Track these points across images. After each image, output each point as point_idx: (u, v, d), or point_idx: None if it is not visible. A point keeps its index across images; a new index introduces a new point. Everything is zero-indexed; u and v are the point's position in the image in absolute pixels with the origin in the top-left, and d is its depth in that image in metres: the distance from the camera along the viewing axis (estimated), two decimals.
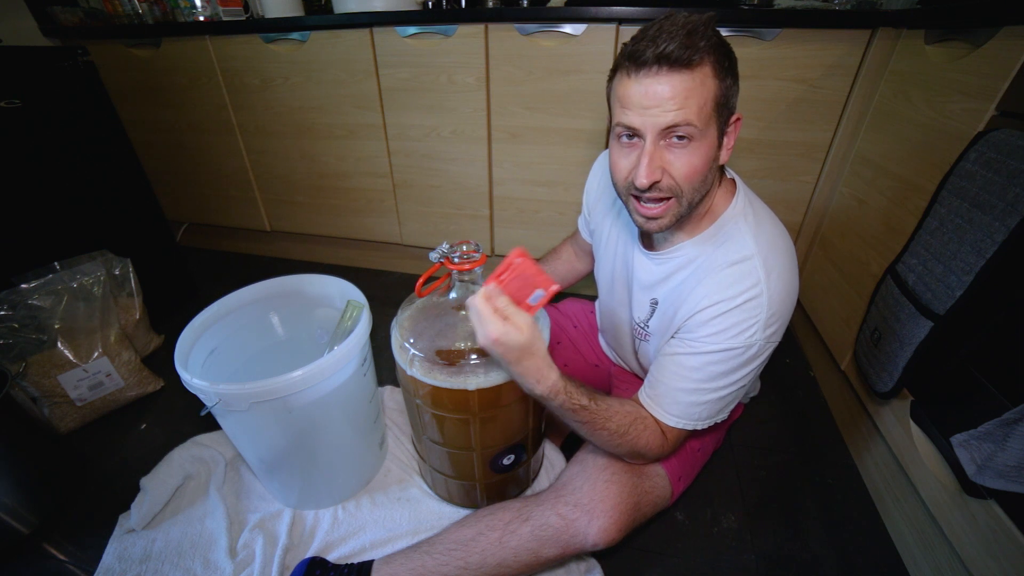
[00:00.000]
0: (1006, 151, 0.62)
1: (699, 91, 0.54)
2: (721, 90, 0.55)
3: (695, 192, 0.59)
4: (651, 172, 0.57)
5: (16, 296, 0.96)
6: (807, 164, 1.17)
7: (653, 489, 0.73)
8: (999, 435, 0.57)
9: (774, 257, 0.61)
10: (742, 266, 0.60)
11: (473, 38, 1.19)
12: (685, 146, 0.56)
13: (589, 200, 0.89)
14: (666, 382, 0.66)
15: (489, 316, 0.54)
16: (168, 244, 1.43)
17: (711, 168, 0.59)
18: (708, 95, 0.54)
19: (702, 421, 0.67)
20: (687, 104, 0.53)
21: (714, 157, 0.59)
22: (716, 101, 0.55)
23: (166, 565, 0.78)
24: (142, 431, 1.05)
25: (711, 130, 0.56)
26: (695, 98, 0.54)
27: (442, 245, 0.65)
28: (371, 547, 0.80)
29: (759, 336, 0.60)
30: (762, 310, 0.59)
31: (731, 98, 0.57)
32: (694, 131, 0.55)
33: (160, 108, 1.56)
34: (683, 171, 0.57)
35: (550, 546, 0.67)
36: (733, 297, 0.60)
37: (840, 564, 0.79)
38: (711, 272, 0.63)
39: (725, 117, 0.58)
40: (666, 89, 0.53)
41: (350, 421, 0.80)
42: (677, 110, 0.54)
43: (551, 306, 1.06)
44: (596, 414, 0.63)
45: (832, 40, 1.02)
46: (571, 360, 0.99)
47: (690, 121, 0.54)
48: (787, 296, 0.61)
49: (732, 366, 0.62)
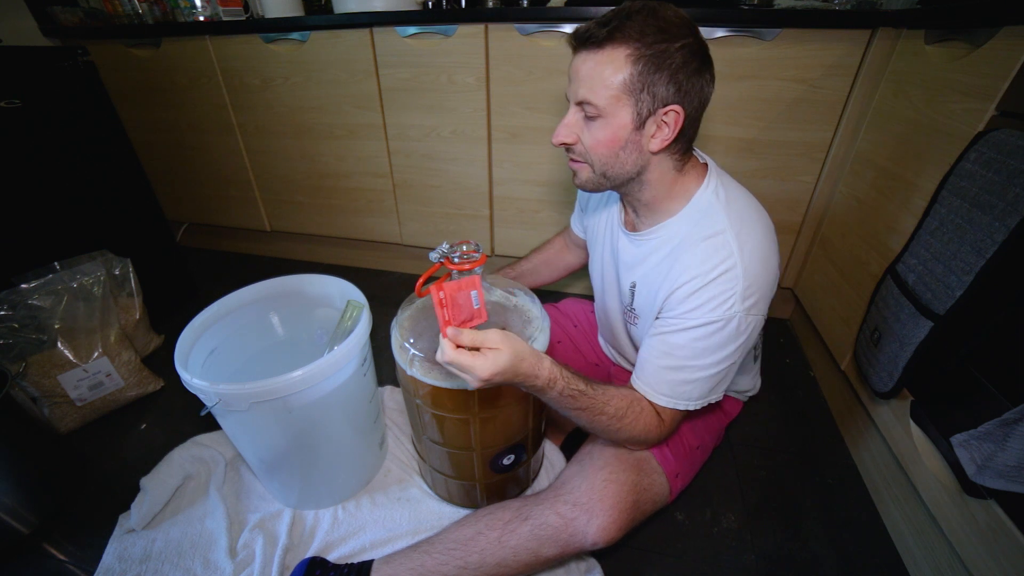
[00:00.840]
0: (1006, 151, 0.62)
1: (603, 73, 0.57)
2: (634, 74, 0.56)
3: (604, 165, 0.64)
4: (558, 133, 0.65)
5: (16, 296, 0.96)
6: (807, 164, 1.17)
7: (651, 487, 0.73)
8: (999, 435, 0.57)
9: (747, 230, 0.62)
10: (714, 240, 0.62)
11: (473, 38, 1.19)
12: (593, 121, 0.61)
13: (583, 196, 0.91)
14: (653, 361, 0.67)
15: (468, 361, 0.54)
16: (168, 244, 1.43)
17: (623, 148, 0.62)
18: (614, 79, 0.57)
19: (694, 401, 0.67)
20: (590, 83, 0.58)
21: (627, 139, 0.61)
22: (626, 84, 0.57)
23: (166, 565, 0.78)
24: (142, 431, 1.05)
25: (621, 113, 0.59)
26: (598, 79, 0.58)
27: (442, 245, 0.65)
28: (371, 547, 0.80)
29: (738, 307, 0.61)
30: (737, 281, 0.60)
31: (654, 88, 0.57)
32: (594, 110, 0.59)
33: (160, 108, 1.56)
34: (588, 142, 0.63)
35: (549, 545, 0.67)
36: (708, 271, 0.61)
37: (840, 564, 0.79)
38: (685, 250, 0.65)
39: (646, 105, 0.58)
40: (580, 68, 0.59)
41: (350, 421, 0.81)
42: (581, 87, 0.59)
43: (551, 306, 1.06)
44: (594, 399, 0.63)
45: (832, 40, 1.02)
46: (571, 359, 0.99)
47: (588, 100, 0.59)
48: (763, 267, 0.62)
49: (716, 341, 0.63)
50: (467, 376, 0.55)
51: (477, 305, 0.58)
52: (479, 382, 0.55)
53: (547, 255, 1.06)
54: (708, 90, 0.60)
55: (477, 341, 0.55)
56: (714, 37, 1.06)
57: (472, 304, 0.58)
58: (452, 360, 0.54)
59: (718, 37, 1.06)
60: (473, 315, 0.58)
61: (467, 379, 0.55)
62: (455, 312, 0.57)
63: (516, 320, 0.70)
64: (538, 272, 1.05)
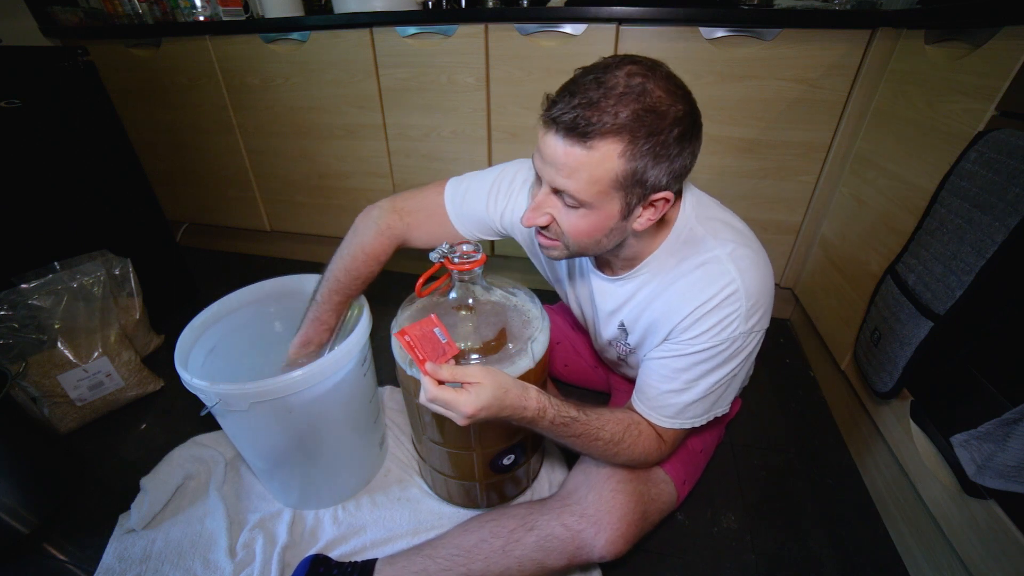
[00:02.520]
0: (1006, 151, 0.62)
1: (591, 168, 0.50)
2: (627, 171, 0.50)
3: (582, 247, 0.60)
4: (528, 217, 0.58)
5: (16, 296, 0.96)
6: (807, 164, 1.17)
7: (659, 496, 0.72)
8: (999, 435, 0.57)
9: (738, 248, 0.60)
10: (710, 266, 0.60)
11: (473, 38, 1.19)
12: (574, 209, 0.55)
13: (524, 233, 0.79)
14: (655, 385, 0.65)
15: (451, 397, 0.53)
16: (168, 244, 1.43)
17: (608, 233, 0.57)
18: (604, 174, 0.51)
19: (698, 418, 0.66)
20: (575, 176, 0.51)
21: (613, 227, 0.56)
22: (617, 181, 0.51)
23: (166, 565, 0.78)
24: (142, 431, 1.05)
25: (608, 205, 0.54)
26: (584, 173, 0.51)
27: (442, 245, 0.65)
28: (371, 547, 0.80)
29: (742, 328, 0.60)
30: (740, 303, 0.58)
31: (650, 179, 0.52)
32: (575, 202, 0.54)
33: (160, 108, 1.56)
34: (567, 228, 0.57)
35: (555, 557, 0.66)
36: (710, 299, 0.59)
37: (840, 564, 0.79)
38: (677, 279, 0.62)
39: (636, 196, 0.53)
40: (559, 153, 0.51)
41: (350, 421, 0.80)
42: (565, 178, 0.52)
43: (551, 307, 1.06)
44: (588, 424, 0.62)
45: (832, 40, 1.02)
46: (571, 360, 0.99)
47: (573, 194, 0.53)
48: (762, 282, 0.60)
49: (719, 362, 0.62)
50: (452, 414, 0.54)
51: (444, 340, 0.58)
52: (465, 419, 0.54)
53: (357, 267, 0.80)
54: (694, 162, 0.55)
55: (458, 375, 0.54)
56: (714, 37, 1.06)
57: (440, 340, 0.58)
58: (435, 397, 0.53)
59: (718, 37, 1.06)
60: (444, 350, 0.58)
61: (453, 417, 0.54)
62: (426, 351, 0.56)
63: (516, 320, 0.70)
64: (348, 289, 0.81)
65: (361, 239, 0.80)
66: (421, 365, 0.55)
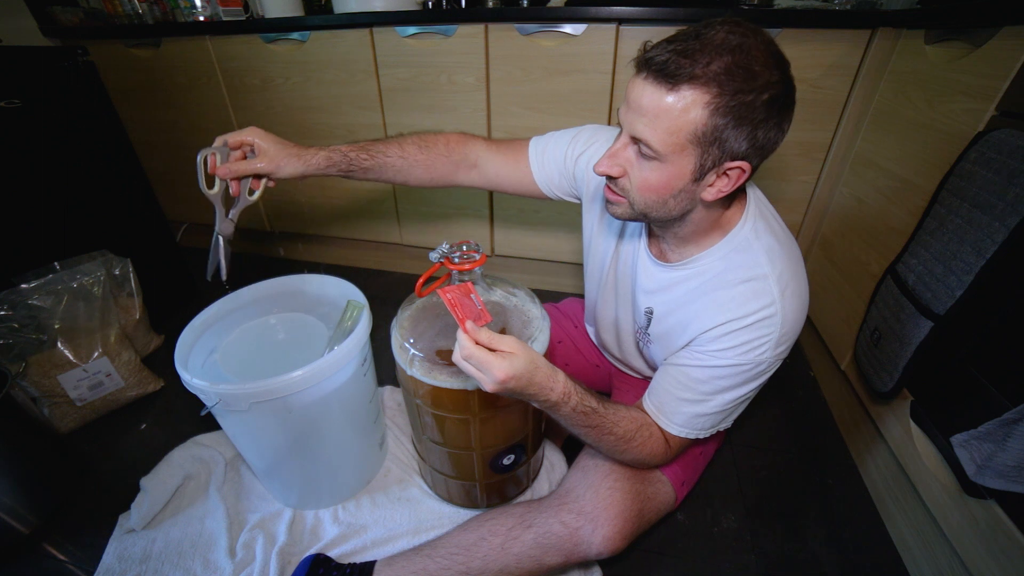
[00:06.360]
0: (1006, 151, 0.62)
1: (671, 116, 0.49)
2: (709, 126, 0.49)
3: (647, 207, 0.58)
4: (602, 163, 0.58)
5: (16, 296, 0.96)
6: (807, 164, 1.17)
7: (656, 495, 0.73)
8: (999, 435, 0.57)
9: (788, 275, 0.59)
10: (756, 284, 0.59)
11: (473, 38, 1.19)
12: (647, 161, 0.54)
13: (596, 192, 0.78)
14: (671, 391, 0.65)
15: (488, 358, 0.51)
16: (168, 244, 1.43)
17: (674, 195, 0.56)
18: (684, 125, 0.49)
19: (706, 430, 0.67)
20: (653, 122, 0.50)
21: (681, 188, 0.55)
22: (696, 135, 0.50)
23: (166, 565, 0.78)
24: (142, 431, 1.05)
25: (681, 161, 0.52)
26: (665, 121, 0.50)
27: (442, 245, 0.65)
28: (372, 547, 0.80)
29: (769, 354, 0.59)
30: (775, 329, 0.58)
31: (726, 142, 0.50)
32: (651, 151, 0.52)
33: (160, 108, 1.55)
34: (635, 182, 0.56)
35: (553, 554, 0.66)
36: (747, 315, 0.58)
37: (840, 564, 0.79)
38: (719, 288, 0.61)
39: (712, 158, 0.52)
40: (644, 96, 0.50)
41: (350, 421, 0.80)
42: (645, 125, 0.51)
43: (552, 306, 1.06)
44: (605, 417, 0.62)
45: (832, 40, 1.02)
46: (572, 360, 0.98)
47: (650, 142, 0.51)
48: (799, 314, 0.60)
49: (738, 381, 0.62)
50: (483, 376, 0.52)
51: (479, 306, 0.58)
52: (494, 384, 0.52)
53: (432, 159, 0.81)
54: (781, 139, 0.53)
55: (495, 342, 0.53)
56: None
57: (476, 305, 0.58)
58: (471, 355, 0.52)
59: None
60: (480, 315, 0.57)
61: (482, 379, 0.53)
62: (466, 312, 0.56)
63: (516, 320, 0.70)
64: (406, 172, 0.80)
65: (442, 131, 0.85)
66: (462, 324, 0.54)
